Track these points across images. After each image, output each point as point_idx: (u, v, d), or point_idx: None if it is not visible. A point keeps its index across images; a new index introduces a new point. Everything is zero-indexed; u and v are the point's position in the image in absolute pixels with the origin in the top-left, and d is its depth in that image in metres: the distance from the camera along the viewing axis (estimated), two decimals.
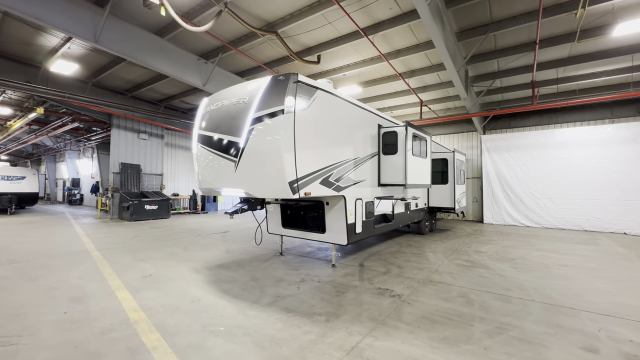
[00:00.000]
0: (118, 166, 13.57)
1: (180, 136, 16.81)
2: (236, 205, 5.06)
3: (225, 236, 9.13)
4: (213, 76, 9.50)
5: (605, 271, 5.69)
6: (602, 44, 7.75)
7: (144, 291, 4.34)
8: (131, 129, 14.04)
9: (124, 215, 12.82)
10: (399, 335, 3.14)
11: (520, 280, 5.08)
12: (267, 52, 9.00)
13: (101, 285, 4.58)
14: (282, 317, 3.52)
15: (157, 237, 8.83)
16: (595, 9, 6.19)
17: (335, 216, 5.54)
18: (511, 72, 9.36)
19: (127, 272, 5.29)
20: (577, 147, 11.29)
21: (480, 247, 7.83)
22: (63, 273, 5.18)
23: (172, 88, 12.44)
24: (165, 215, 13.67)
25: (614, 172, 10.59)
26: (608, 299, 4.25)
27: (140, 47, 7.81)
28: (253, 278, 5.03)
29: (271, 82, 4.22)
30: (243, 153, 4.18)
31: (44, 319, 3.42)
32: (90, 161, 21.62)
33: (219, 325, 3.32)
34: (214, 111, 4.74)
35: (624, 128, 10.55)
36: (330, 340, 3.01)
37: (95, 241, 8.05)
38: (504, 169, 12.70)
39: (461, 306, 3.94)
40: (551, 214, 11.64)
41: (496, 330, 3.27)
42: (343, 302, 4.02)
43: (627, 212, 10.32)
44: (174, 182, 16.51)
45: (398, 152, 6.42)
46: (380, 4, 6.61)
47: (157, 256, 6.48)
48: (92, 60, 9.82)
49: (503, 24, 6.98)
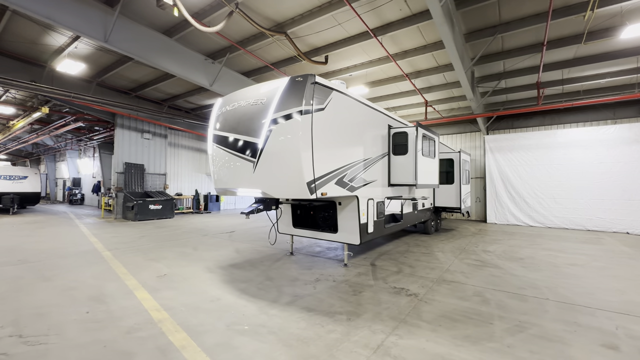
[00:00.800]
0: (122, 166, 13.55)
1: (184, 136, 16.79)
2: (252, 205, 5.09)
3: (232, 236, 9.15)
4: (220, 76, 9.52)
5: (613, 270, 5.77)
6: (607, 46, 7.84)
7: (163, 291, 4.37)
8: (135, 129, 14.02)
9: (128, 215, 12.80)
10: (422, 333, 3.19)
11: (532, 279, 5.15)
12: (275, 53, 9.02)
13: (118, 285, 4.59)
14: (304, 316, 3.56)
15: (165, 237, 8.84)
16: (603, 11, 6.27)
17: (347, 216, 5.58)
18: (516, 73, 9.44)
19: (141, 271, 5.31)
20: (580, 147, 11.40)
21: (488, 247, 7.90)
22: (77, 273, 5.19)
23: (176, 88, 12.43)
24: (169, 215, 13.66)
25: (617, 173, 10.70)
26: (621, 298, 4.32)
27: (149, 47, 7.82)
28: (268, 277, 5.06)
29: (289, 83, 4.26)
30: (262, 154, 4.21)
31: (67, 318, 3.44)
32: (92, 161, 21.54)
33: (243, 324, 3.35)
34: (230, 112, 4.77)
35: (626, 129, 10.66)
36: (355, 339, 3.05)
37: (103, 241, 8.05)
38: (507, 169, 12.79)
39: (478, 305, 3.99)
40: (554, 213, 11.74)
41: (516, 329, 3.32)
42: (361, 301, 4.06)
43: (629, 212, 10.43)
44: (177, 182, 16.49)
45: (408, 152, 6.47)
46: (390, 5, 6.66)
47: (169, 256, 6.49)
48: (98, 60, 9.81)
49: (511, 26, 7.05)
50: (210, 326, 3.29)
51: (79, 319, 3.43)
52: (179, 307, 3.80)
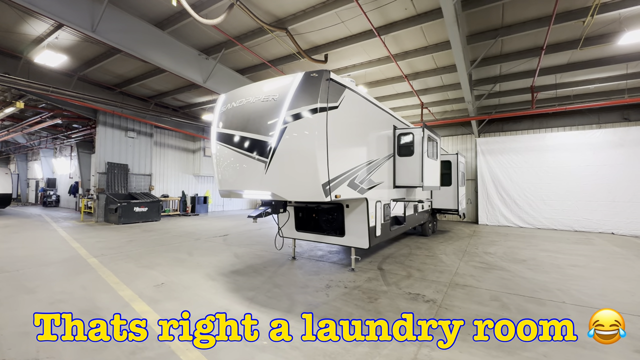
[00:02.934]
0: (104, 166, 12.78)
1: (170, 135, 16.12)
2: (259, 208, 4.80)
3: (227, 239, 8.76)
4: (214, 73, 9.12)
5: (615, 271, 5.87)
6: (599, 53, 8.08)
7: (163, 302, 4.00)
8: (118, 127, 13.27)
9: (111, 218, 12.07)
10: (454, 344, 3.02)
11: (541, 281, 5.13)
12: (273, 50, 8.73)
13: (112, 296, 4.18)
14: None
15: (154, 241, 8.33)
16: (602, 17, 6.41)
17: (356, 219, 5.39)
18: (511, 76, 9.59)
19: (135, 280, 4.89)
20: (568, 150, 11.76)
21: (487, 248, 7.93)
22: (63, 283, 4.72)
23: (165, 84, 11.86)
24: (156, 217, 13.01)
25: (603, 175, 11.10)
26: (632, 299, 4.35)
27: (140, 39, 7.35)
28: (275, 285, 4.78)
29: (304, 79, 4.02)
30: (274, 153, 3.94)
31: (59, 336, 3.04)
32: (69, 160, 20.32)
33: (261, 338, 3.08)
34: (237, 109, 4.46)
35: (611, 133, 11.09)
36: (386, 352, 2.84)
37: (87, 246, 7.47)
38: (498, 171, 13.03)
39: (499, 310, 3.89)
40: (543, 215, 12.05)
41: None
42: (380, 309, 3.87)
43: (614, 213, 10.83)
44: (163, 183, 15.79)
45: (415, 153, 6.35)
46: (396, 4, 6.55)
47: (163, 262, 6.07)
48: (82, 52, 9.16)
49: (513, 29, 7.11)
50: (225, 342, 2.99)
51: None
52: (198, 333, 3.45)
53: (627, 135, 10.74)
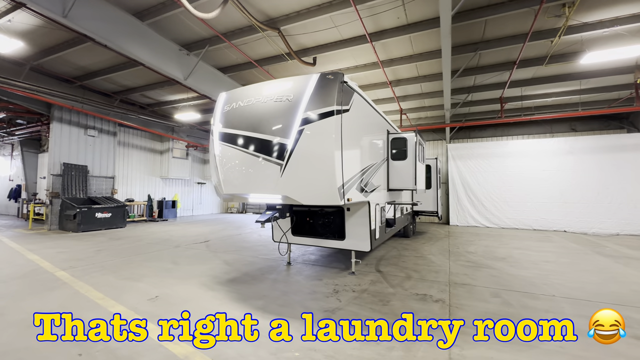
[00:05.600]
0: (59, 167, 11.43)
1: (136, 134, 14.92)
2: (266, 212, 4.60)
3: (209, 246, 8.28)
4: (196, 70, 8.63)
5: (581, 265, 6.55)
6: (560, 70, 9.06)
7: (165, 317, 3.64)
8: (77, 124, 11.96)
9: (68, 225, 10.80)
10: (478, 341, 3.14)
11: (526, 277, 5.55)
12: (260, 49, 8.50)
13: (101, 314, 3.72)
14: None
15: (128, 250, 7.60)
16: (567, 38, 7.19)
17: (357, 222, 5.40)
18: (483, 87, 10.36)
19: (123, 294, 4.41)
20: (527, 156, 12.96)
21: (467, 248, 8.41)
22: (35, 301, 4.10)
23: (134, 80, 10.97)
24: (121, 224, 11.90)
25: (556, 179, 12.39)
26: (605, 289, 4.87)
27: (117, 29, 6.73)
28: (282, 292, 4.61)
29: (320, 81, 3.96)
30: (291, 156, 3.81)
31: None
32: (9, 160, 17.86)
33: (290, 350, 2.93)
34: (245, 108, 4.25)
35: (563, 142, 12.45)
36: (420, 355, 2.86)
37: (48, 258, 6.59)
38: (467, 175, 13.95)
39: (503, 307, 4.12)
40: (507, 215, 13.12)
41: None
42: (396, 311, 3.90)
43: (566, 213, 12.14)
44: (128, 186, 14.54)
45: (408, 157, 6.56)
46: (389, 13, 6.74)
47: (147, 273, 5.55)
48: (40, 39, 8.13)
49: (491, 44, 7.70)
50: (255, 357, 2.80)
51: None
52: (200, 336, 3.18)
53: (576, 143, 12.14)
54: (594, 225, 11.62)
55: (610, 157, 11.67)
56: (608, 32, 6.82)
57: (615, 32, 6.81)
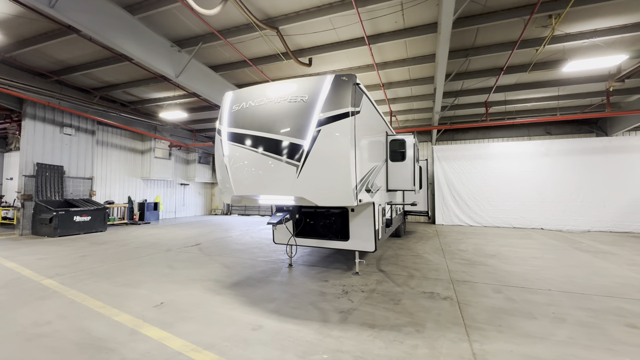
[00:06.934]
0: (32, 167, 10.64)
1: (117, 133, 14.20)
2: (276, 214, 4.53)
3: (203, 249, 8.04)
4: (188, 67, 8.35)
5: (565, 260, 6.98)
6: (540, 77, 9.62)
7: (178, 324, 3.50)
8: (52, 121, 11.20)
9: (43, 229, 10.09)
10: (495, 335, 3.27)
11: (519, 273, 5.83)
12: (255, 48, 8.37)
13: (107, 323, 3.51)
14: (372, 334, 3.29)
15: (116, 255, 7.22)
16: (551, 47, 7.65)
17: (362, 223, 5.45)
18: (470, 92, 10.78)
19: (125, 302, 4.19)
20: (507, 158, 13.65)
21: (458, 246, 8.72)
22: (27, 312, 3.80)
23: (118, 76, 10.44)
24: (101, 227, 11.28)
25: (534, 179, 13.13)
26: (592, 282, 5.22)
27: (107, 22, 6.39)
28: (292, 294, 4.56)
29: (335, 82, 3.98)
30: (308, 157, 3.78)
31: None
32: None
33: (318, 352, 2.91)
34: (256, 108, 4.18)
35: (539, 144, 13.23)
36: (445, 352, 2.94)
37: (29, 265, 6.13)
38: (452, 176, 14.47)
39: (507, 302, 4.31)
40: (489, 214, 13.73)
41: (557, 320, 3.68)
42: (409, 310, 3.97)
43: (543, 212, 12.89)
44: (107, 188, 13.79)
45: (407, 158, 6.70)
46: (388, 17, 6.87)
47: (145, 279, 5.30)
48: (16, 29, 7.54)
49: (481, 51, 8.03)
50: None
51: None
52: (220, 342, 3.08)
53: (552, 146, 12.94)
54: (568, 222, 12.42)
55: (581, 159, 12.55)
56: (587, 42, 7.34)
57: (593, 43, 7.34)
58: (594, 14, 6.52)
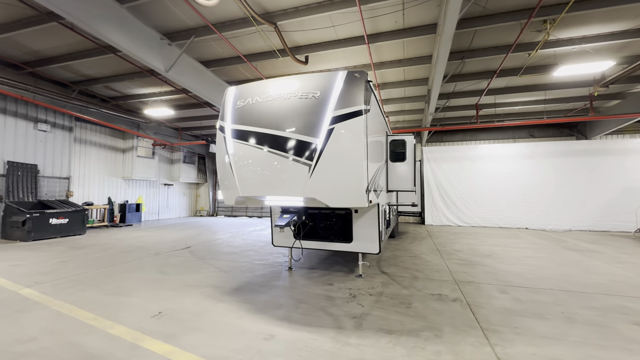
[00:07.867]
0: (2, 166, 9.84)
1: (96, 130, 13.42)
2: (283, 216, 4.32)
3: (194, 253, 7.67)
4: (178, 61, 7.95)
5: (556, 259, 7.17)
6: (529, 81, 9.91)
7: (183, 336, 3.23)
8: (25, 116, 10.40)
9: (15, 233, 9.32)
10: (513, 338, 3.23)
11: (517, 272, 5.91)
12: (250, 44, 8.09)
13: (102, 337, 3.19)
14: (392, 340, 3.17)
15: (99, 260, 6.74)
16: (542, 52, 7.87)
17: (365, 224, 5.34)
18: (462, 94, 10.96)
19: (118, 313, 3.85)
20: (494, 160, 14.02)
21: (452, 246, 8.80)
22: (8, 327, 3.41)
23: (99, 69, 9.83)
24: (80, 230, 10.59)
25: (519, 180, 13.56)
26: (588, 281, 5.35)
27: (93, 10, 5.94)
28: (299, 300, 4.36)
29: (347, 79, 3.83)
30: (321, 156, 3.61)
31: None
32: None
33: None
34: (263, 104, 3.96)
35: (524, 147, 13.68)
36: (469, 357, 2.86)
37: (2, 274, 5.58)
38: (441, 176, 14.70)
39: (515, 303, 4.31)
40: (477, 214, 14.05)
41: (567, 319, 3.71)
42: (422, 313, 3.88)
43: (527, 212, 13.33)
44: (85, 188, 12.99)
45: (407, 159, 6.65)
46: (389, 16, 6.81)
47: (135, 286, 4.94)
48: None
49: (476, 53, 8.15)
50: None
51: None
52: (233, 356, 2.86)
53: (535, 148, 13.41)
54: (551, 222, 12.90)
55: (563, 161, 13.08)
56: (577, 48, 7.60)
57: (582, 49, 7.61)
58: (585, 20, 6.74)
